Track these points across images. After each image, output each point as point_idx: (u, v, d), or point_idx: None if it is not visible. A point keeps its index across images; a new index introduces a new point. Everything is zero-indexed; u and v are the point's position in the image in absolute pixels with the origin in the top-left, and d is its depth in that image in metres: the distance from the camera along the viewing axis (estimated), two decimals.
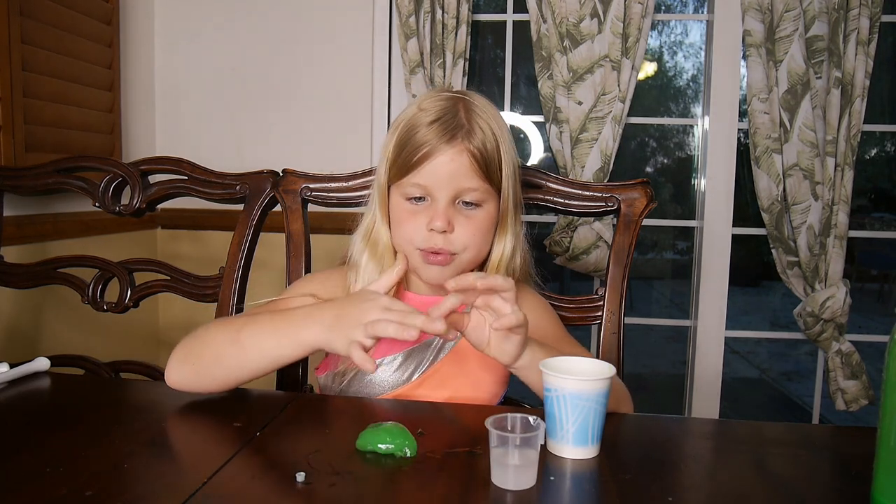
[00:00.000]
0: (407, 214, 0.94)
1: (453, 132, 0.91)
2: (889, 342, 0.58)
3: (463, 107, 0.93)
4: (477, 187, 0.92)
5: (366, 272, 0.97)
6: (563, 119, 1.85)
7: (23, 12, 1.49)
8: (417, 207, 0.93)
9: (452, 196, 0.92)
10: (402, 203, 0.94)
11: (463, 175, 0.91)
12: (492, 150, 0.92)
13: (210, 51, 2.05)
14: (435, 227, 0.90)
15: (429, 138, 0.90)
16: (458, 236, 0.92)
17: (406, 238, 0.94)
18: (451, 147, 0.90)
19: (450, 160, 0.90)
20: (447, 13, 1.85)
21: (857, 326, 3.13)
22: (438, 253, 0.92)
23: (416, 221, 0.93)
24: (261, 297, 1.03)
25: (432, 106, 0.93)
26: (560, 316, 1.13)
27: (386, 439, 0.71)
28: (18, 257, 1.34)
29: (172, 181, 1.24)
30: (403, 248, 0.96)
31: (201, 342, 0.88)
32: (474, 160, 0.91)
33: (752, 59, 1.84)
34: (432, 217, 0.91)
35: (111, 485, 0.63)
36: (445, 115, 0.92)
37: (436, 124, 0.91)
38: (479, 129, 0.92)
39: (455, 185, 0.91)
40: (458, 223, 0.92)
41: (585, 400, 0.71)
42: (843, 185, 1.79)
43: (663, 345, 4.79)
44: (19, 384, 0.94)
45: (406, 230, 0.94)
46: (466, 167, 0.91)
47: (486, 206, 0.94)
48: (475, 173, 0.91)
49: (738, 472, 0.72)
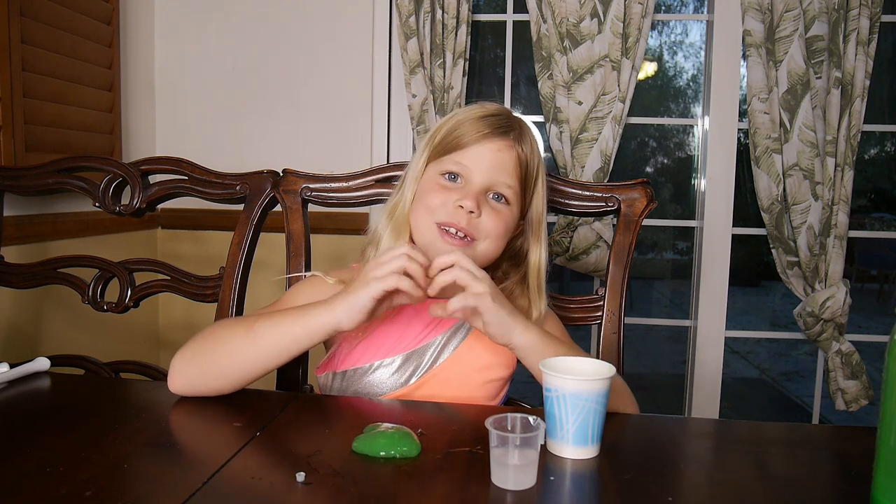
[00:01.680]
0: (437, 187, 0.96)
1: (506, 129, 0.95)
2: (889, 342, 0.58)
3: (516, 119, 0.99)
4: (512, 185, 0.95)
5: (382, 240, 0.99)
6: (563, 119, 1.85)
7: (23, 12, 1.49)
8: (450, 185, 0.95)
9: (488, 184, 0.94)
10: (436, 177, 0.96)
11: (504, 169, 0.95)
12: (534, 165, 0.97)
13: (210, 51, 2.05)
14: (464, 205, 0.92)
15: (481, 127, 0.95)
16: (484, 222, 0.94)
17: (430, 207, 0.95)
18: (501, 140, 0.94)
19: (497, 150, 0.94)
20: (447, 13, 1.85)
21: (857, 326, 3.14)
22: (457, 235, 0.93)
23: (445, 195, 0.94)
24: (261, 297, 1.04)
25: (489, 107, 0.98)
26: (560, 316, 1.13)
27: (386, 446, 0.70)
28: (18, 257, 1.34)
29: (172, 181, 1.24)
30: (420, 222, 0.97)
31: (212, 340, 0.88)
32: (518, 160, 0.95)
33: (752, 59, 1.84)
34: (463, 196, 0.93)
35: (111, 485, 0.63)
36: (501, 115, 0.97)
37: (491, 118, 0.96)
38: (529, 142, 0.97)
39: (494, 175, 0.94)
40: (486, 210, 0.95)
41: (585, 400, 0.71)
42: (843, 185, 1.79)
43: (663, 345, 4.78)
44: (19, 384, 0.94)
45: (432, 200, 0.95)
46: (511, 163, 0.95)
47: (512, 208, 0.97)
48: (515, 173, 0.95)
49: (738, 472, 0.72)
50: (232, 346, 0.86)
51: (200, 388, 0.87)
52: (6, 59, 1.44)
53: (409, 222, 0.98)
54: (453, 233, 0.94)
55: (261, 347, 0.85)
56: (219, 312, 1.18)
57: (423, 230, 0.96)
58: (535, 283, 1.00)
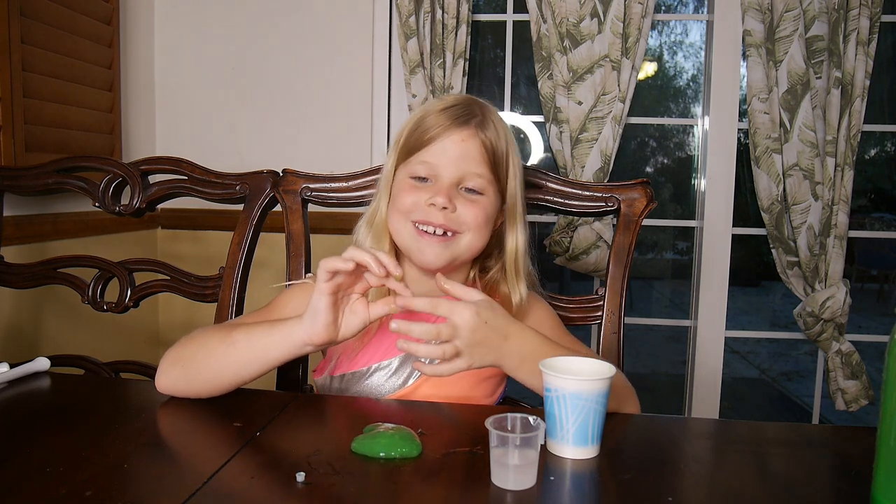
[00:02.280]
0: (408, 188, 0.94)
1: (467, 118, 0.93)
2: (889, 342, 0.58)
3: (478, 105, 0.96)
4: (482, 174, 0.93)
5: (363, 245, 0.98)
6: (563, 119, 1.85)
7: (23, 12, 1.49)
8: (420, 185, 0.93)
9: (457, 177, 0.92)
10: (406, 180, 0.94)
11: (471, 159, 0.92)
12: (501, 149, 0.94)
13: (210, 51, 2.05)
14: (436, 202, 0.90)
15: (442, 120, 0.92)
16: (461, 214, 0.92)
17: (403, 209, 0.93)
18: (463, 130, 0.92)
19: (461, 140, 0.92)
20: (447, 13, 1.85)
21: (857, 326, 3.13)
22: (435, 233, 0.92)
23: (416, 195, 0.93)
24: (261, 297, 1.03)
25: (449, 98, 0.96)
26: (560, 316, 1.13)
27: (386, 447, 0.70)
28: (18, 257, 1.34)
29: (172, 181, 1.24)
30: (397, 226, 0.95)
31: (193, 343, 0.88)
32: (484, 148, 0.92)
33: (752, 59, 1.84)
34: (434, 192, 0.91)
35: (111, 485, 0.63)
36: (460, 104, 0.94)
37: (451, 109, 0.93)
38: (493, 126, 0.94)
39: (462, 168, 0.92)
40: (460, 203, 0.92)
41: (585, 400, 0.71)
42: (843, 185, 1.79)
43: (663, 345, 4.78)
44: (19, 384, 0.94)
45: (405, 201, 0.93)
46: (476, 151, 0.92)
47: (488, 197, 0.94)
48: (483, 160, 0.92)
49: (738, 472, 0.72)
50: (210, 354, 0.85)
51: (183, 390, 0.87)
52: (6, 59, 1.44)
53: (387, 229, 0.97)
54: (431, 231, 0.92)
55: (237, 358, 0.84)
56: (219, 312, 1.18)
57: (402, 233, 0.95)
58: (511, 268, 0.98)
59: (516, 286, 0.98)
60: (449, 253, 0.93)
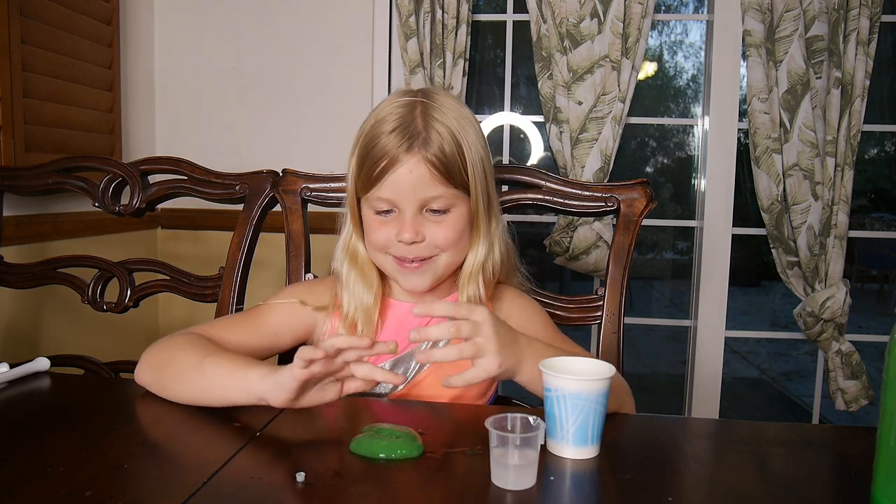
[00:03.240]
0: (377, 225, 0.94)
1: (410, 141, 0.88)
2: (889, 342, 0.58)
3: (420, 111, 0.90)
4: (441, 194, 0.90)
5: (349, 282, 0.98)
6: (563, 119, 1.85)
7: (23, 12, 1.49)
8: (387, 219, 0.93)
9: (418, 206, 0.91)
10: (372, 215, 0.94)
11: (425, 184, 0.89)
12: (452, 154, 0.89)
13: (210, 51, 2.05)
14: (403, 238, 0.91)
15: (387, 149, 0.89)
16: (430, 241, 0.92)
17: (379, 246, 0.94)
18: (409, 157, 0.89)
19: (409, 171, 0.89)
20: (447, 13, 1.85)
21: (856, 326, 3.13)
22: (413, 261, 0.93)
23: (387, 230, 0.93)
24: (261, 297, 1.03)
25: (389, 114, 0.91)
26: (560, 316, 1.13)
27: (386, 449, 0.70)
28: (18, 257, 1.34)
29: (172, 181, 1.24)
30: (377, 259, 0.96)
31: (169, 357, 0.88)
32: (433, 168, 0.89)
33: (752, 59, 1.84)
34: (400, 229, 0.91)
35: (111, 485, 0.63)
36: (402, 122, 0.89)
37: (392, 134, 0.89)
38: (437, 133, 0.89)
39: (418, 196, 0.90)
40: (428, 229, 0.92)
41: (585, 400, 0.71)
42: (843, 185, 1.79)
43: (663, 345, 4.78)
44: (19, 384, 0.94)
45: (378, 239, 0.94)
46: (427, 176, 0.89)
47: (457, 210, 0.93)
48: (437, 181, 0.89)
49: (738, 472, 0.72)
50: (180, 375, 0.85)
51: (157, 392, 0.87)
52: (6, 59, 1.44)
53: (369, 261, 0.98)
54: (409, 261, 0.93)
55: (202, 389, 0.83)
56: (218, 312, 1.18)
57: (385, 267, 0.97)
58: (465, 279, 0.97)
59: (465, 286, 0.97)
60: (430, 276, 0.94)
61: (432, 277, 0.95)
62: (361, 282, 0.97)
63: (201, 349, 0.87)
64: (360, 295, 0.97)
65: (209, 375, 0.83)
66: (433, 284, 0.96)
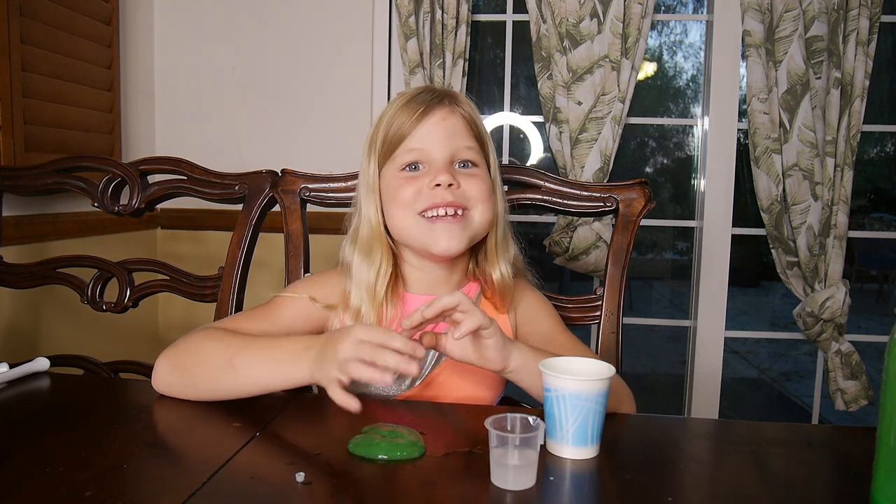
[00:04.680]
0: (404, 181, 0.91)
1: (439, 98, 0.92)
2: (889, 342, 0.58)
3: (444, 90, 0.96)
4: (472, 146, 0.92)
5: (359, 272, 0.95)
6: (562, 119, 1.85)
7: (23, 12, 1.49)
8: (414, 174, 0.91)
9: (450, 154, 0.91)
10: (397, 176, 0.92)
11: (458, 133, 0.91)
12: (480, 123, 0.95)
13: (210, 51, 2.05)
14: (440, 180, 0.88)
15: (415, 107, 0.91)
16: (466, 189, 0.90)
17: (406, 202, 0.90)
18: (440, 110, 0.91)
19: (442, 119, 0.91)
20: (447, 13, 1.85)
21: (856, 326, 3.14)
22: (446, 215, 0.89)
23: (416, 184, 0.90)
24: (260, 296, 1.03)
25: (409, 91, 0.95)
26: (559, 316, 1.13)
27: (386, 450, 0.70)
28: (18, 257, 1.34)
29: (172, 181, 1.24)
30: (403, 222, 0.92)
31: (194, 357, 0.87)
32: (465, 121, 0.92)
33: (751, 59, 1.84)
34: (435, 175, 0.89)
35: (111, 485, 0.63)
36: (425, 91, 0.94)
37: (419, 97, 0.92)
38: (465, 103, 0.94)
39: (452, 143, 0.91)
40: (462, 179, 0.91)
41: (585, 400, 0.71)
42: (843, 185, 1.79)
43: (663, 345, 4.78)
44: (19, 384, 0.94)
45: (404, 195, 0.90)
46: (460, 125, 0.92)
47: (482, 168, 0.94)
48: (469, 133, 0.92)
49: (737, 472, 0.72)
50: (212, 376, 0.85)
51: (178, 395, 0.87)
52: (6, 59, 1.44)
53: (380, 240, 0.94)
54: (442, 214, 0.89)
55: (238, 383, 0.84)
56: (218, 312, 1.18)
57: (409, 228, 0.92)
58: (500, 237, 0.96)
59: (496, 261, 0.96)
60: (466, 233, 0.91)
61: (468, 236, 0.91)
62: (368, 263, 0.94)
63: (225, 346, 0.86)
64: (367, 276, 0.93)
65: (244, 376, 0.83)
66: (468, 244, 0.92)
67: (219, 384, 0.85)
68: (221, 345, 0.86)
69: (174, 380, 0.87)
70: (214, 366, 0.85)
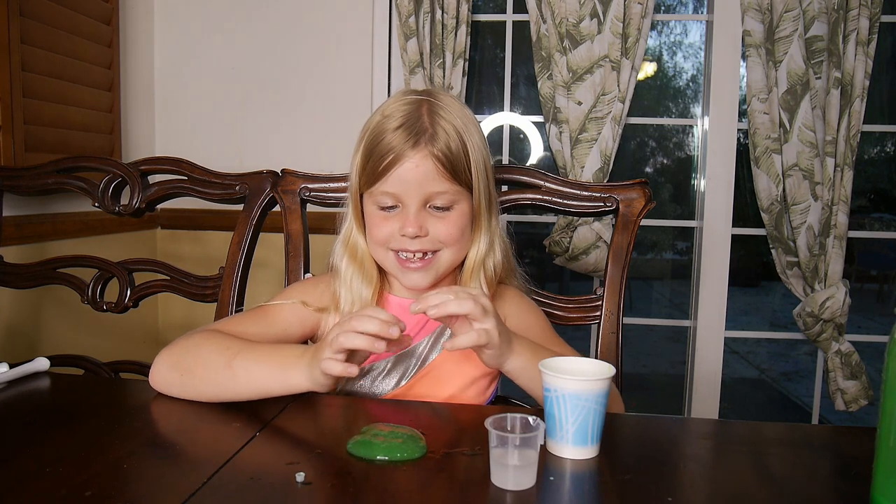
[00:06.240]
0: (380, 220, 0.94)
1: (416, 137, 0.90)
2: (889, 342, 0.58)
3: (426, 109, 0.92)
4: (446, 190, 0.92)
5: (346, 277, 0.98)
6: (562, 119, 1.85)
7: (23, 12, 1.49)
8: (390, 214, 0.94)
9: (422, 201, 0.92)
10: (375, 211, 0.95)
11: (430, 179, 0.91)
12: (457, 151, 0.92)
13: (210, 51, 2.05)
14: (406, 232, 0.91)
15: (393, 145, 0.90)
16: (433, 236, 0.93)
17: (381, 241, 0.95)
18: (415, 152, 0.90)
19: (415, 166, 0.90)
20: (447, 13, 1.85)
21: (856, 326, 3.13)
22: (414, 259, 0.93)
23: (389, 225, 0.93)
24: (261, 296, 1.03)
25: (396, 111, 0.93)
26: (559, 316, 1.13)
27: (386, 451, 0.70)
28: (18, 257, 1.34)
29: (172, 181, 1.24)
30: (378, 255, 0.97)
31: (194, 357, 0.88)
32: (439, 163, 0.90)
33: (751, 59, 1.84)
34: (403, 224, 0.92)
35: (111, 485, 0.63)
36: (408, 119, 0.91)
37: (399, 130, 0.91)
38: (443, 131, 0.91)
39: (423, 190, 0.91)
40: (431, 224, 0.93)
41: (585, 400, 0.71)
42: (843, 185, 1.79)
43: (663, 345, 4.78)
44: (19, 384, 0.94)
45: (380, 234, 0.94)
46: (433, 171, 0.90)
47: (459, 206, 0.94)
48: (442, 176, 0.91)
49: (737, 472, 0.72)
50: (211, 378, 0.86)
51: (177, 394, 0.88)
52: (6, 59, 1.44)
53: (370, 256, 0.98)
54: (412, 257, 0.93)
55: (236, 384, 0.85)
56: (218, 312, 1.18)
57: (385, 263, 0.97)
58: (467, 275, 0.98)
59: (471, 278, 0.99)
60: (432, 273, 0.95)
61: (434, 275, 0.95)
62: (360, 276, 0.98)
63: (223, 349, 0.87)
64: (359, 289, 0.98)
65: (243, 380, 0.85)
66: (434, 282, 0.96)
67: (217, 385, 0.85)
68: (221, 346, 0.88)
69: (173, 378, 0.88)
70: (214, 366, 0.85)
